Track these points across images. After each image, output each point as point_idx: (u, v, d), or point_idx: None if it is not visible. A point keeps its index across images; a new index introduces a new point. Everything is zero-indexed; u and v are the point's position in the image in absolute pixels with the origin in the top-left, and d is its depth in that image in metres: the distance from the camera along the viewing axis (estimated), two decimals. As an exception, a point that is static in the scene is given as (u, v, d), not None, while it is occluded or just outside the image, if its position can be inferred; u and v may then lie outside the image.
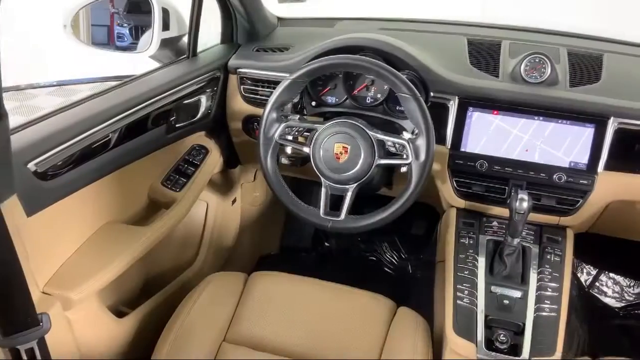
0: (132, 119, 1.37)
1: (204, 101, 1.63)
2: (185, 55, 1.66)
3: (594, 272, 2.22)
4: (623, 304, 2.17)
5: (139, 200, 1.53)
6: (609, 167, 1.39)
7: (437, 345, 1.39)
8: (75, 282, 1.23)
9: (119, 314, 1.46)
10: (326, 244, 2.43)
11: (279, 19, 1.92)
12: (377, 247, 2.38)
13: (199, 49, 1.70)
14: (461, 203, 1.54)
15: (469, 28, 1.80)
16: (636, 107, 1.38)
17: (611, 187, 1.42)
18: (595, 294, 2.20)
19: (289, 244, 2.41)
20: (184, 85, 1.53)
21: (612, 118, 1.36)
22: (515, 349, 1.26)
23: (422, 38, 1.70)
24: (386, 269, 2.36)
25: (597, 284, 2.21)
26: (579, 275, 2.22)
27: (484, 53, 1.59)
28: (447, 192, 1.55)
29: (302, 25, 1.91)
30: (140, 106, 1.39)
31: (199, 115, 1.63)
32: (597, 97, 1.41)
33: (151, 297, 1.57)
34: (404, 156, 1.31)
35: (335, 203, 1.38)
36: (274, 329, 1.36)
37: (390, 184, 1.69)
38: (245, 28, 1.75)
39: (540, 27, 1.82)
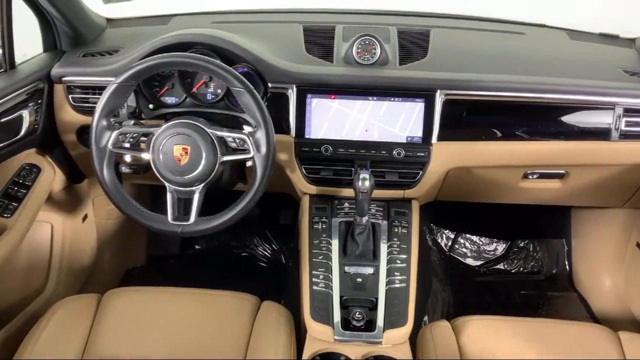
0: None
1: (26, 116, 1.49)
2: (2, 69, 1.51)
3: (452, 236, 2.35)
4: (482, 262, 2.34)
5: (-37, 232, 1.38)
6: (442, 137, 1.46)
7: (303, 334, 1.40)
8: None
9: None
10: (196, 246, 2.37)
11: (108, 20, 1.81)
12: (249, 242, 2.36)
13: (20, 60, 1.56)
14: (313, 189, 1.56)
15: (305, 15, 1.82)
16: (459, 78, 1.46)
17: (446, 156, 1.49)
18: (456, 257, 2.34)
19: (156, 253, 2.32)
20: (0, 101, 1.40)
21: (438, 91, 1.43)
22: (371, 325, 1.30)
23: (257, 29, 1.69)
24: (261, 262, 2.35)
25: (456, 246, 2.35)
26: (439, 241, 2.35)
27: (319, 39, 1.60)
28: (298, 180, 1.55)
29: (134, 25, 1.81)
30: None
31: (22, 132, 1.49)
32: (424, 72, 1.47)
33: None
34: (247, 150, 1.29)
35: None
36: (132, 347, 1.29)
37: (245, 178, 1.67)
38: (68, 33, 1.63)
39: (372, 9, 1.88)
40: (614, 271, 2.01)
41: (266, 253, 2.36)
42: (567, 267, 2.26)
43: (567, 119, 1.47)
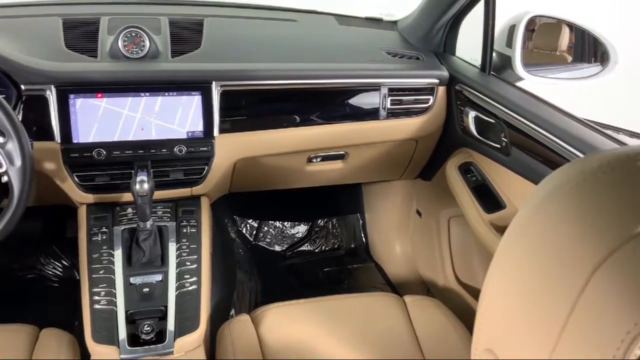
0: None
1: None
2: None
3: (256, 225, 2.36)
4: (286, 246, 2.38)
5: None
6: (223, 130, 1.43)
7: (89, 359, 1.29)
8: None
9: None
10: (-33, 277, 2.05)
11: None
12: (35, 262, 2.10)
13: None
14: (89, 198, 1.42)
15: (65, 7, 1.64)
16: (233, 68, 1.44)
17: (230, 148, 1.47)
18: (261, 244, 2.35)
19: None
20: None
21: (214, 82, 1.39)
22: (162, 335, 1.23)
23: (7, 25, 1.49)
24: (51, 283, 2.11)
25: (260, 234, 2.36)
26: (243, 231, 2.34)
27: (81, 33, 1.46)
28: (71, 189, 1.41)
29: None
30: None
31: None
32: (198, 64, 1.43)
33: None
34: None
35: None
36: None
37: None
38: None
39: (141, -2, 1.78)
40: (402, 238, 2.18)
41: (56, 272, 2.12)
42: (364, 239, 2.40)
43: (340, 102, 1.53)
